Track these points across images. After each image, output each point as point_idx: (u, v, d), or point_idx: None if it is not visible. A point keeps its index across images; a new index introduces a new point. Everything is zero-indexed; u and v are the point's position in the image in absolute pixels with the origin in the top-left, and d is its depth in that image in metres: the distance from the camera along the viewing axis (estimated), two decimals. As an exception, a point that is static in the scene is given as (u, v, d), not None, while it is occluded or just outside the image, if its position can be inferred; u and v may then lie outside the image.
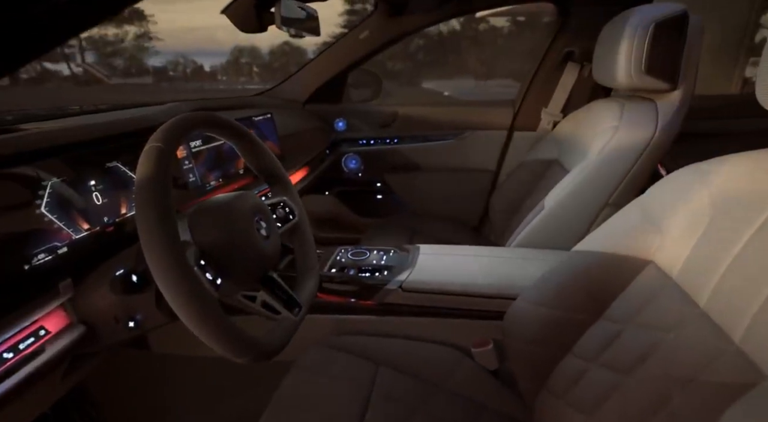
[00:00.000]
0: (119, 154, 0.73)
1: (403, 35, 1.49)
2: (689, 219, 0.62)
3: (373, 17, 1.47)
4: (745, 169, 0.58)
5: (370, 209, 1.84)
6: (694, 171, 0.66)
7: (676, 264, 0.63)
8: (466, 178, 1.71)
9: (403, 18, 1.43)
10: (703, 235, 0.60)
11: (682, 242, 0.62)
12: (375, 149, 1.74)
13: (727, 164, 0.61)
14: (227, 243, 0.59)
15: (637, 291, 0.69)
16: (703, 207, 0.61)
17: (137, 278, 0.66)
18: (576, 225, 1.10)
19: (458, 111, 1.69)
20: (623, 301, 0.71)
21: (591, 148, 1.08)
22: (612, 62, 1.08)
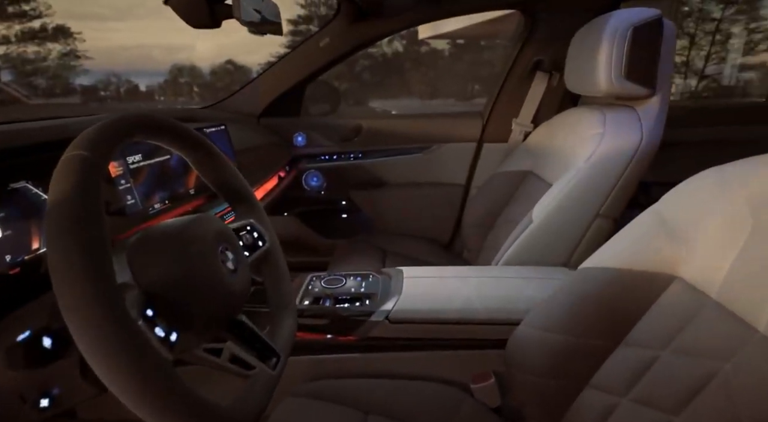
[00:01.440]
0: (28, 171, 0.55)
1: (367, 42, 1.40)
2: (723, 228, 0.55)
3: (335, 22, 1.37)
4: None
5: (335, 229, 1.70)
6: (718, 175, 0.59)
7: (713, 280, 0.55)
8: (436, 193, 1.63)
9: (367, 23, 1.34)
10: (746, 247, 0.52)
11: (717, 255, 0.55)
12: (338, 165, 1.62)
13: (762, 165, 0.55)
14: (184, 282, 0.44)
15: (665, 311, 0.61)
16: (741, 214, 0.54)
17: (51, 341, 0.48)
18: (567, 238, 1.03)
19: (425, 123, 1.61)
20: (650, 324, 0.62)
21: (576, 156, 1.03)
22: (589, 69, 1.04)
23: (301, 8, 11.54)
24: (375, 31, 1.36)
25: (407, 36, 14.28)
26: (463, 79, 13.38)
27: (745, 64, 6.36)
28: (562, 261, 1.05)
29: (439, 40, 12.90)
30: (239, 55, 17.44)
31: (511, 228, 1.26)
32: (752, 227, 0.52)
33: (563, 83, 1.39)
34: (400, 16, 1.30)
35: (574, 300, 0.70)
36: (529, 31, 1.36)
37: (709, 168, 0.62)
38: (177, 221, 0.50)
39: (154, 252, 0.45)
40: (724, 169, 0.60)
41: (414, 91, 13.15)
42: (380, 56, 14.17)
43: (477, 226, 1.44)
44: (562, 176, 1.03)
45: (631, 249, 0.66)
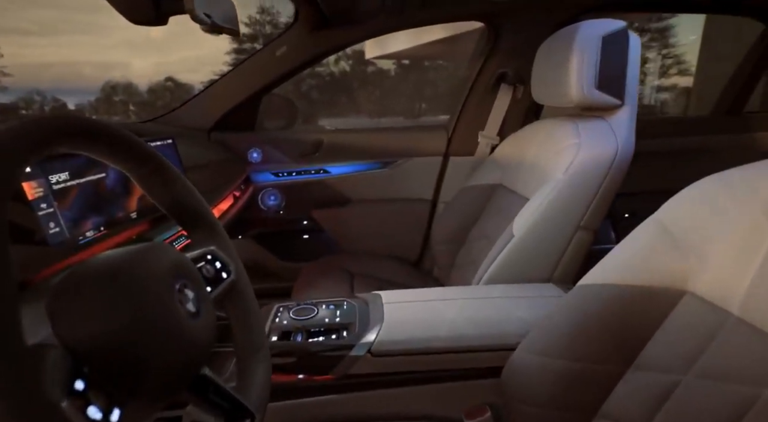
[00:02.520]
0: None
1: (328, 52, 1.32)
2: (739, 239, 0.51)
3: (293, 30, 1.28)
4: None
5: (297, 251, 1.58)
6: (723, 182, 0.56)
7: (732, 295, 0.51)
8: (402, 209, 1.56)
9: (328, 32, 1.27)
10: (767, 258, 0.48)
11: (734, 267, 0.51)
12: (298, 182, 1.51)
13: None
14: (128, 336, 0.33)
15: (680, 329, 0.56)
16: (758, 223, 0.50)
17: None
18: (550, 252, 0.99)
19: (389, 137, 1.55)
20: (664, 344, 0.57)
21: (553, 168, 1.00)
22: (559, 80, 1.03)
23: (246, 26, 11.37)
24: (336, 40, 1.29)
25: (354, 55, 14.47)
26: (410, 98, 13.70)
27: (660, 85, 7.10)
28: (545, 276, 1.00)
29: (385, 60, 13.19)
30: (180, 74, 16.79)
31: (486, 244, 1.22)
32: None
33: (528, 95, 1.39)
34: (362, 25, 1.24)
35: (575, 320, 0.64)
36: (493, 43, 1.35)
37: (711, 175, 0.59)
38: (117, 253, 0.38)
39: (85, 297, 0.33)
40: (728, 175, 0.56)
41: (363, 109, 13.27)
42: (327, 75, 14.22)
43: (447, 243, 1.38)
44: (541, 189, 1.00)
45: (635, 263, 0.62)
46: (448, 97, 12.09)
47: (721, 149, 1.49)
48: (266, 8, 11.25)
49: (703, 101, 4.25)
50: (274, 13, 11.57)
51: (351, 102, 14.02)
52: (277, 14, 11.54)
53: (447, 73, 13.61)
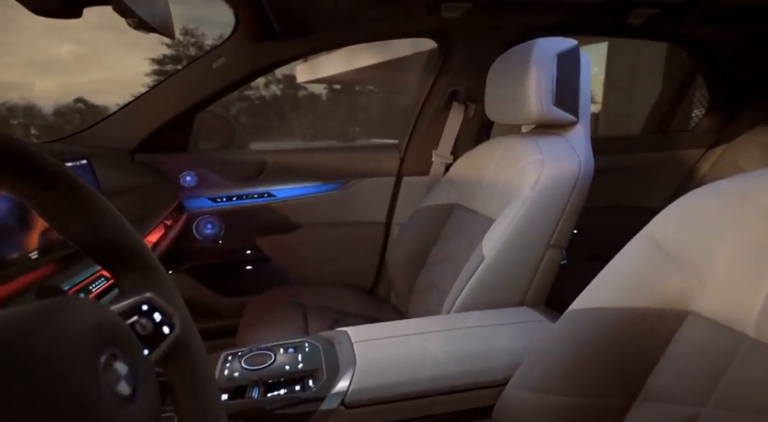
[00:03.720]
0: None
1: (273, 65, 1.22)
2: (745, 255, 0.48)
3: (233, 40, 1.16)
4: None
5: (239, 285, 1.41)
6: (716, 194, 0.53)
7: (745, 315, 0.47)
8: (355, 233, 1.47)
9: (273, 43, 1.16)
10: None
11: (744, 286, 0.47)
12: (240, 207, 1.36)
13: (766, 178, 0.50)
14: None
15: (689, 355, 0.52)
16: (762, 236, 0.48)
17: None
18: (522, 273, 0.95)
19: (339, 157, 1.46)
20: (672, 371, 0.53)
21: (519, 185, 0.96)
22: (516, 97, 1.01)
23: (168, 47, 10.84)
24: (283, 52, 1.19)
25: (284, 80, 14.34)
26: (343, 122, 13.81)
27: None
28: (518, 298, 0.96)
29: (316, 84, 13.23)
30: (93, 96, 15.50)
31: (449, 267, 1.16)
32: None
33: (480, 114, 1.38)
34: (312, 36, 1.15)
35: (571, 350, 0.59)
36: (443, 61, 1.33)
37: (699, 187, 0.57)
38: (9, 316, 0.25)
39: None
40: (721, 186, 0.54)
41: (295, 133, 13.12)
42: (257, 99, 13.94)
43: (404, 267, 1.31)
44: (507, 207, 0.96)
45: (630, 284, 0.57)
46: (381, 121, 12.35)
47: (651, 165, 1.58)
48: (190, 29, 10.84)
49: (609, 124, 4.89)
50: (199, 34, 11.18)
51: (283, 126, 13.83)
52: (203, 36, 11.16)
53: (378, 98, 13.95)
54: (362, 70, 9.61)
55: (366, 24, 1.16)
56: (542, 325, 0.81)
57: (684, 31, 1.33)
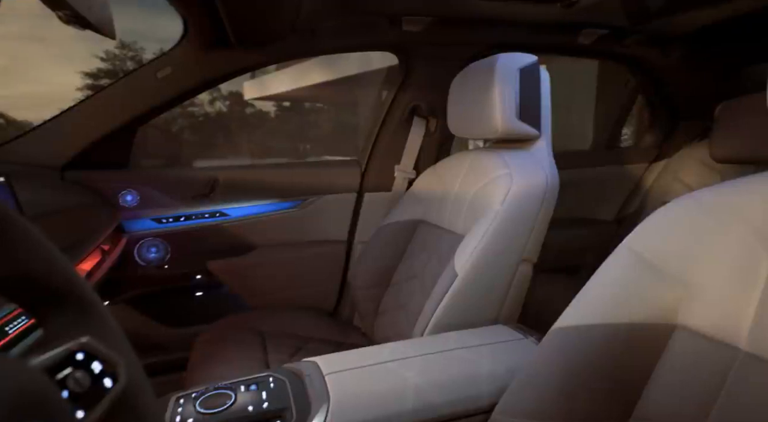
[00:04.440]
0: None
1: (227, 75, 1.14)
2: (733, 267, 0.47)
3: (181, 48, 1.07)
4: None
5: (189, 314, 1.29)
6: (697, 205, 0.53)
7: (737, 328, 0.46)
8: (315, 253, 1.39)
9: (227, 52, 1.09)
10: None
11: (733, 298, 0.46)
12: (188, 228, 1.25)
13: (745, 189, 0.50)
14: None
15: (681, 370, 0.50)
16: (751, 249, 0.47)
17: None
18: (495, 290, 0.92)
19: (296, 173, 1.39)
20: (665, 388, 0.51)
21: (488, 200, 0.95)
22: (480, 112, 1.01)
23: (102, 61, 10.21)
24: (237, 62, 1.11)
25: (231, 96, 13.98)
26: (293, 139, 13.63)
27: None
28: (493, 316, 0.93)
29: (265, 101, 13.01)
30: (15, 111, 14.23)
31: (417, 285, 1.12)
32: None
33: (441, 129, 1.38)
34: (269, 46, 1.09)
35: (560, 371, 0.56)
36: (404, 75, 1.31)
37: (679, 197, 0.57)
38: None
39: None
40: (699, 197, 0.53)
41: (243, 150, 12.77)
42: (201, 116, 13.45)
43: (369, 287, 1.25)
44: (477, 222, 0.94)
45: (615, 299, 0.55)
46: (331, 138, 12.32)
47: (601, 179, 1.65)
48: (127, 43, 10.30)
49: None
50: (138, 49, 10.65)
51: (230, 143, 13.44)
52: (142, 50, 10.64)
53: (328, 115, 13.94)
54: (313, 87, 9.57)
55: (325, 36, 1.12)
56: (521, 344, 0.79)
57: (628, 52, 1.40)
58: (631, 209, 1.66)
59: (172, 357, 1.18)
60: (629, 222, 1.64)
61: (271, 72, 11.60)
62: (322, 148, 12.16)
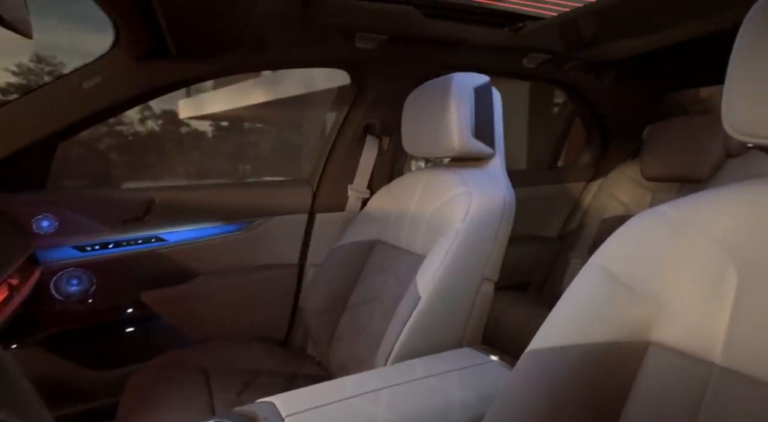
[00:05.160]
0: None
1: (166, 87, 1.04)
2: (703, 280, 0.47)
3: (111, 56, 0.97)
4: (744, 203, 0.49)
5: (118, 354, 1.14)
6: (661, 220, 0.53)
7: (710, 342, 0.46)
8: (263, 279, 1.30)
9: (166, 63, 0.99)
10: (740, 299, 0.45)
11: (704, 311, 0.47)
12: (118, 256, 1.12)
13: (708, 202, 0.51)
14: None
15: (659, 389, 0.50)
16: (718, 259, 0.47)
17: None
18: (460, 311, 0.89)
19: (243, 194, 1.30)
20: (644, 407, 0.50)
21: (448, 218, 0.93)
22: (436, 130, 1.00)
23: (14, 75, 9.28)
24: (175, 74, 1.02)
25: (164, 115, 13.30)
26: (232, 159, 13.19)
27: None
28: (458, 338, 0.90)
29: (201, 120, 12.53)
30: None
31: (377, 308, 1.07)
32: (738, 274, 0.46)
33: (394, 147, 1.36)
34: (214, 58, 1.01)
35: (536, 397, 0.53)
36: (357, 93, 1.28)
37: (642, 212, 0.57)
38: None
39: None
40: (662, 212, 0.54)
41: (178, 171, 12.14)
42: (131, 135, 12.65)
43: (323, 312, 1.19)
44: (438, 241, 0.91)
45: (588, 317, 0.54)
46: (273, 158, 12.07)
47: (543, 198, 1.71)
48: (44, 57, 9.45)
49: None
50: (57, 63, 9.82)
51: (162, 164, 12.75)
52: (61, 65, 9.81)
53: (270, 135, 13.68)
54: (254, 107, 9.37)
55: (276, 49, 1.07)
56: (490, 367, 0.76)
57: (567, 77, 1.49)
58: (572, 226, 1.74)
59: (99, 405, 1.03)
60: (572, 238, 1.71)
61: (207, 90, 11.25)
62: (264, 168, 11.86)
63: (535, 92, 4.60)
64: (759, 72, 0.43)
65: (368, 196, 1.34)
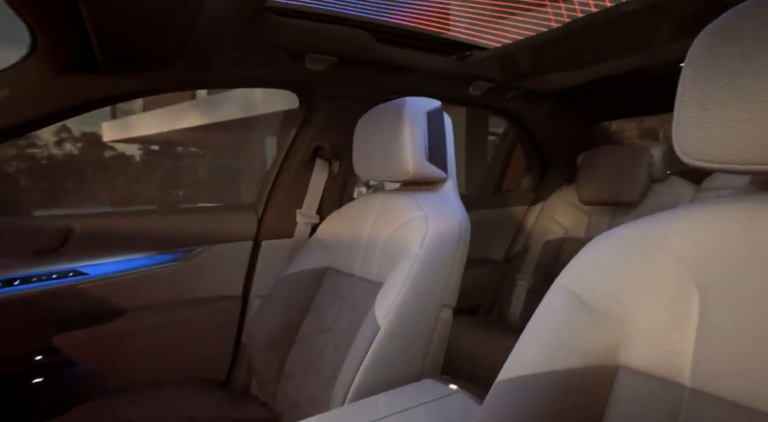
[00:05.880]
0: None
1: (92, 103, 0.93)
2: (666, 302, 0.48)
3: (24, 66, 0.85)
4: (699, 222, 0.51)
5: (24, 409, 0.96)
6: (619, 242, 0.54)
7: (679, 364, 0.46)
8: (201, 313, 1.18)
9: (93, 76, 0.89)
10: (704, 319, 0.46)
11: (670, 332, 0.47)
12: (26, 295, 0.96)
13: (667, 223, 0.53)
14: None
15: (632, 414, 0.49)
16: (677, 281, 0.48)
17: None
18: (419, 340, 0.86)
19: (179, 221, 1.19)
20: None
21: (405, 242, 0.90)
22: (389, 153, 0.99)
23: None
24: (102, 89, 0.91)
25: (85, 137, 12.36)
26: (162, 185, 12.49)
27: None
28: (417, 370, 0.86)
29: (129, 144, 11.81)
30: None
31: (330, 340, 1.01)
32: (700, 294, 0.47)
33: (344, 171, 1.32)
34: (149, 72, 0.93)
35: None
36: (306, 115, 1.24)
37: (601, 235, 0.58)
38: None
39: None
40: (623, 234, 0.54)
41: (100, 198, 11.26)
42: (45, 158, 11.61)
43: (270, 347, 1.10)
44: (396, 268, 0.88)
45: (557, 342, 0.53)
46: (208, 184, 11.58)
47: (490, 222, 1.75)
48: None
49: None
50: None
51: (82, 190, 11.78)
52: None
53: (205, 160, 13.15)
54: (188, 130, 8.98)
55: (220, 66, 1.00)
56: (454, 399, 0.72)
57: (508, 105, 1.56)
58: (517, 249, 1.79)
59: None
60: (517, 261, 1.76)
61: (136, 112, 10.69)
62: (198, 195, 11.31)
63: (471, 120, 4.82)
64: (707, 100, 0.45)
65: (318, 222, 1.28)
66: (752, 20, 0.43)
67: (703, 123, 0.46)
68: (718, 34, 0.45)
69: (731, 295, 0.44)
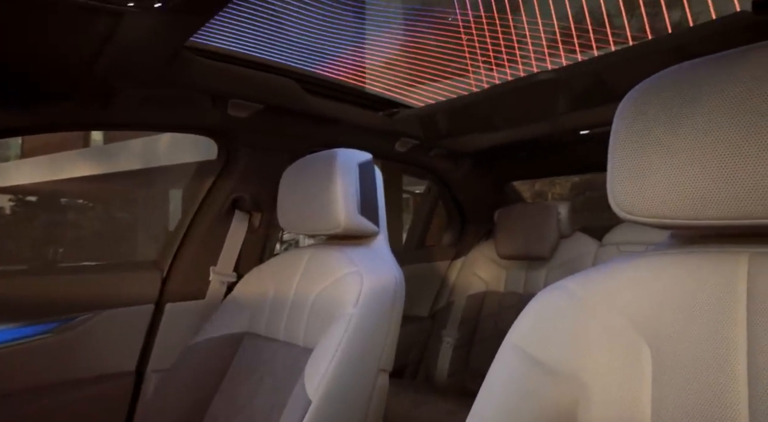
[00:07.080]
0: None
1: None
2: (619, 357, 0.47)
3: None
4: (642, 274, 0.52)
5: None
6: (566, 296, 0.53)
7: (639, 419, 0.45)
8: (85, 396, 0.96)
9: None
10: (659, 372, 0.46)
11: (627, 387, 0.46)
12: None
13: (608, 275, 0.53)
14: None
15: None
16: (626, 335, 0.48)
17: None
18: (355, 412, 0.76)
19: (58, 281, 0.99)
20: None
21: (337, 302, 0.83)
22: (319, 206, 0.94)
23: None
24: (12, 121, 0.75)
25: (-60, 185, 10.50)
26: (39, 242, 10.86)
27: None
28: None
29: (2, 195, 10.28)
30: None
31: (248, 418, 0.86)
32: (650, 345, 0.47)
33: (265, 224, 1.23)
34: (34, 108, 0.78)
35: None
36: (225, 164, 1.15)
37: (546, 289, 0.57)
38: None
39: None
40: (568, 289, 0.54)
41: (-51, 257, 9.41)
42: None
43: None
44: (328, 330, 0.80)
45: (513, 404, 0.50)
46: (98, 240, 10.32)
47: (415, 276, 1.74)
48: None
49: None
50: None
51: (-74, 246, 9.84)
52: None
53: (94, 213, 11.82)
54: (76, 180, 8.08)
55: (128, 107, 0.89)
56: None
57: (431, 163, 1.61)
58: (441, 304, 1.78)
59: None
60: (442, 316, 1.74)
61: (11, 159, 9.49)
62: (83, 252, 9.97)
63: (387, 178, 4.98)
64: (635, 158, 0.48)
65: (235, 280, 1.15)
66: (674, 84, 0.47)
67: (633, 180, 0.48)
68: (643, 97, 0.49)
69: (680, 352, 0.44)
